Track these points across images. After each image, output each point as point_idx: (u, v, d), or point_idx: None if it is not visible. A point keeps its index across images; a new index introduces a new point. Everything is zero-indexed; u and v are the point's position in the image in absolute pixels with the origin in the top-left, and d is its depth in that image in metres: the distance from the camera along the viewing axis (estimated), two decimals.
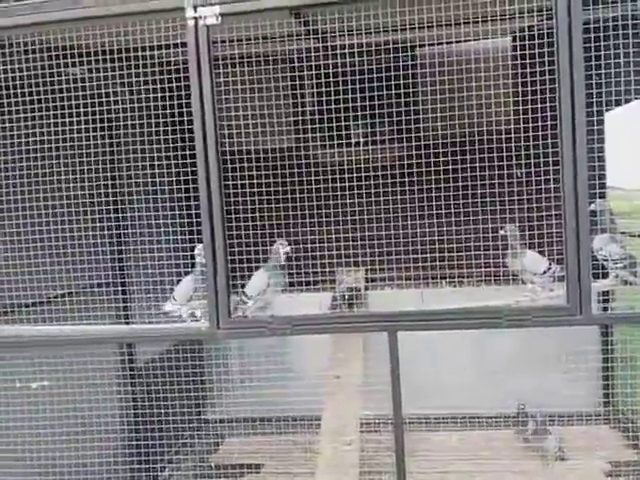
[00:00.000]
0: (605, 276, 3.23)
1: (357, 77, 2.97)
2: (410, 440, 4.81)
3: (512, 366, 4.89)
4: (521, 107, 3.26)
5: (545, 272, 3.28)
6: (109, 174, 3.33)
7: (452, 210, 3.19)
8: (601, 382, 5.15)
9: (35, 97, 2.88)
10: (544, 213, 2.94)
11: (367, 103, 3.07)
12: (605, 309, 3.70)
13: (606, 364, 4.98)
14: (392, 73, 3.15)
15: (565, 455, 4.41)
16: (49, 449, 3.35)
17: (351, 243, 3.39)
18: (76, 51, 2.83)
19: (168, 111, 3.06)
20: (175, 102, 2.95)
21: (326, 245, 3.37)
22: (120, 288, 4.15)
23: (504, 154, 3.19)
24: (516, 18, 2.93)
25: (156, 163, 3.10)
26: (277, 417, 5.02)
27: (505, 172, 3.03)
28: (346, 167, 3.52)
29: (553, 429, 4.45)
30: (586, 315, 2.64)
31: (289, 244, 3.27)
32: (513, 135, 3.05)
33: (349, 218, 3.47)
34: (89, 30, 2.73)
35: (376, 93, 3.13)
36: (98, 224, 3.67)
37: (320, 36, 3.38)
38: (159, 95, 2.92)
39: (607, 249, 3.12)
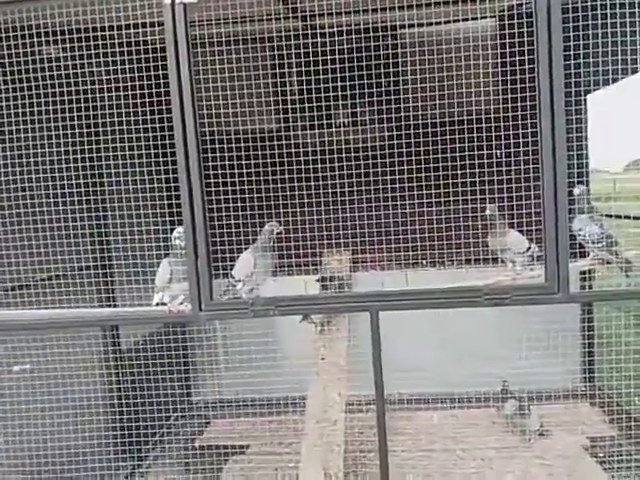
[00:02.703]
0: (584, 256, 3.27)
1: (337, 56, 2.96)
2: (394, 419, 4.89)
3: (494, 345, 4.96)
4: (500, 87, 3.25)
5: (527, 251, 3.32)
6: (87, 155, 3.28)
7: (434, 191, 3.20)
8: (582, 360, 5.24)
9: (9, 77, 2.83)
10: (523, 193, 2.96)
11: (348, 82, 3.03)
12: (584, 287, 3.76)
13: (586, 342, 5.08)
14: (373, 52, 3.12)
15: (545, 432, 4.50)
16: (33, 432, 3.35)
17: (333, 224, 3.39)
18: (49, 30, 2.77)
19: (146, 92, 3.01)
20: (153, 83, 2.91)
21: (308, 227, 3.37)
22: (102, 271, 4.12)
23: (484, 134, 3.20)
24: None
25: (135, 144, 3.07)
26: (263, 398, 5.06)
27: (485, 152, 3.04)
28: (327, 149, 3.50)
29: (534, 407, 4.53)
30: (564, 293, 2.68)
31: (278, 226, 3.25)
32: (493, 115, 3.05)
33: (331, 199, 3.47)
34: (63, 9, 2.67)
35: (357, 72, 3.11)
36: (79, 206, 3.63)
37: (300, 15, 3.34)
38: (136, 75, 2.87)
39: (586, 230, 3.16)
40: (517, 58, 2.67)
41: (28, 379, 3.33)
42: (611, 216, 4.31)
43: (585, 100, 4.29)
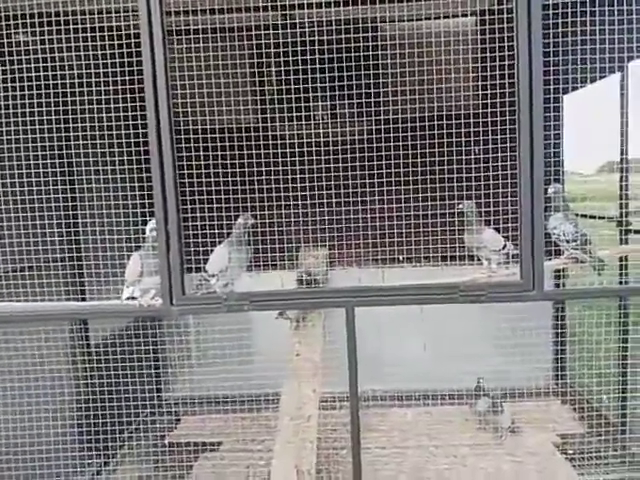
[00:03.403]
0: (559, 254, 3.29)
1: (317, 48, 2.91)
2: (368, 416, 4.89)
3: (468, 342, 4.98)
4: (480, 84, 3.25)
5: (502, 249, 3.33)
6: (57, 144, 3.19)
7: (411, 187, 3.18)
8: (553, 358, 5.31)
9: None
10: (500, 190, 2.96)
11: (327, 75, 3.00)
12: (558, 285, 3.79)
13: (558, 340, 5.15)
14: (353, 45, 3.09)
15: (517, 429, 4.54)
16: None
17: (310, 219, 3.35)
18: (18, 14, 2.67)
19: (119, 79, 2.93)
20: (126, 71, 2.83)
21: (284, 221, 3.33)
22: (70, 263, 4.01)
23: (462, 130, 3.20)
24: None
25: (106, 133, 2.99)
26: (236, 395, 5.00)
27: (463, 149, 3.04)
28: (305, 142, 3.46)
29: (506, 404, 4.56)
30: (539, 291, 2.70)
31: (254, 218, 3.19)
32: (472, 111, 3.05)
33: (308, 193, 3.43)
34: None
35: (336, 65, 3.08)
36: (47, 197, 3.53)
37: (279, 5, 3.28)
38: (108, 62, 2.79)
39: (561, 228, 3.18)
40: (497, 54, 2.67)
41: None
42: (585, 216, 4.36)
43: (562, 100, 4.34)
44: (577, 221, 3.25)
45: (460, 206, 3.29)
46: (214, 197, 3.12)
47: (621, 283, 3.78)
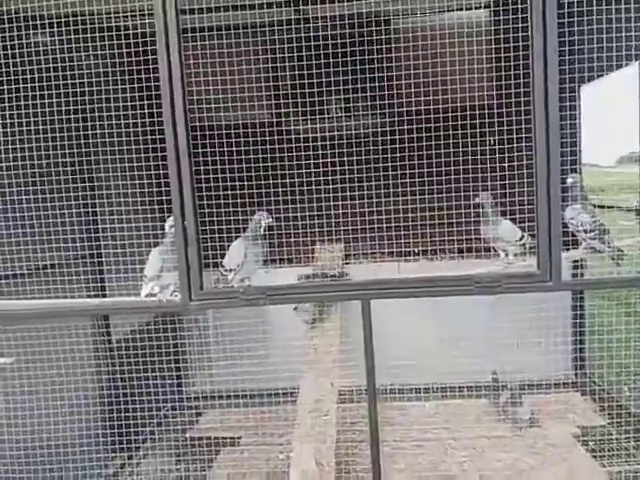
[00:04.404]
0: (576, 245, 3.27)
1: (330, 43, 2.92)
2: (387, 410, 4.90)
3: (486, 335, 4.96)
4: (494, 75, 3.23)
5: (519, 240, 3.32)
6: (76, 144, 3.24)
7: (426, 179, 3.18)
8: (573, 350, 5.26)
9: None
10: (516, 181, 2.95)
11: (341, 69, 3.00)
12: (575, 276, 3.76)
13: (577, 332, 5.10)
14: (367, 40, 3.10)
15: (537, 422, 4.52)
16: (22, 425, 3.32)
17: (325, 214, 3.36)
18: (37, 15, 2.72)
19: (136, 79, 2.97)
20: (143, 73, 2.87)
21: (299, 216, 3.34)
22: (90, 260, 4.08)
23: (477, 122, 3.18)
24: None
25: (123, 131, 3.03)
26: (255, 389, 5.04)
27: (478, 140, 3.02)
28: (319, 137, 3.47)
29: (525, 397, 4.54)
30: (556, 281, 2.69)
31: (270, 214, 3.22)
32: (486, 102, 3.03)
33: (323, 188, 3.44)
34: None
35: (350, 59, 3.08)
36: (67, 194, 3.59)
37: (292, 2, 3.29)
38: (125, 63, 2.83)
39: (579, 219, 3.16)
40: (511, 44, 2.66)
41: (16, 371, 3.29)
42: (603, 207, 4.32)
43: (579, 91, 4.28)
44: (595, 212, 3.23)
45: (477, 199, 3.28)
46: (230, 194, 3.15)
47: None
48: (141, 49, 2.90)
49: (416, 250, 4.31)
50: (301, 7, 3.37)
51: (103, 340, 4.31)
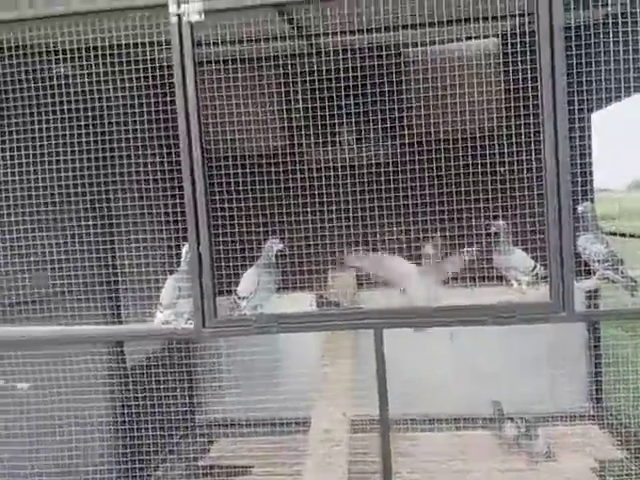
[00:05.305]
0: (589, 274, 3.25)
1: (342, 75, 2.99)
2: (400, 440, 4.83)
3: (499, 365, 4.91)
4: (503, 105, 3.27)
5: (532, 270, 3.31)
6: (95, 172, 3.32)
7: (437, 209, 3.21)
8: (589, 381, 5.17)
9: (19, 95, 2.88)
10: (527, 211, 2.96)
11: (352, 100, 3.07)
12: (589, 307, 3.72)
13: (594, 364, 5.02)
14: (377, 71, 3.16)
15: (553, 454, 4.43)
16: (36, 450, 3.33)
17: (337, 242, 3.39)
18: (58, 48, 2.83)
19: (153, 109, 3.06)
20: (160, 100, 2.95)
21: (312, 244, 3.37)
22: (107, 288, 4.13)
23: (487, 152, 3.22)
24: (498, 20, 2.96)
25: (141, 161, 3.11)
26: (267, 417, 5.01)
27: (489, 170, 3.05)
28: (332, 166, 3.52)
29: (541, 430, 4.46)
30: (569, 312, 2.66)
31: (282, 242, 3.26)
32: (496, 132, 3.07)
33: (335, 216, 3.48)
34: (72, 27, 2.72)
35: (360, 90, 3.15)
36: (85, 223, 3.66)
37: (305, 34, 3.38)
38: (143, 93, 2.92)
39: (592, 249, 3.15)
40: (520, 76, 2.70)
41: (32, 397, 3.32)
42: (615, 234, 4.29)
43: (589, 118, 4.31)
44: (608, 241, 3.22)
45: (492, 228, 3.29)
46: (244, 222, 3.20)
47: None
48: (159, 82, 2.98)
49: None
50: (313, 41, 3.48)
51: (118, 367, 4.33)
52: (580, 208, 3.15)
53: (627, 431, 4.57)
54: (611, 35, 2.82)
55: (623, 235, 4.33)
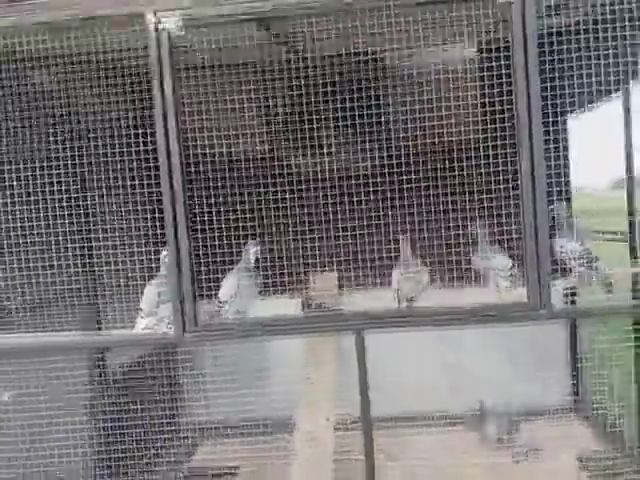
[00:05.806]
0: (566, 272, 3.31)
1: (320, 82, 3.01)
2: (383, 439, 4.85)
3: (482, 364, 4.96)
4: (479, 110, 3.31)
5: (510, 270, 3.36)
6: (72, 177, 3.30)
7: (416, 210, 3.24)
8: (571, 377, 5.24)
9: None
10: (504, 211, 3.01)
11: (330, 106, 3.08)
12: (566, 303, 3.79)
13: (574, 359, 5.10)
14: (354, 76, 3.18)
15: (535, 450, 4.48)
16: (16, 458, 3.30)
17: (318, 245, 3.40)
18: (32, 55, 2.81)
19: (130, 116, 3.05)
20: (137, 107, 2.95)
21: (293, 247, 3.38)
22: (85, 294, 4.09)
23: (464, 155, 3.25)
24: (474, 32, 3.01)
25: (119, 166, 3.09)
26: (251, 419, 5.01)
27: (465, 173, 3.09)
28: (311, 171, 3.55)
29: (523, 425, 4.52)
30: (548, 310, 2.72)
31: (260, 245, 3.26)
32: (472, 136, 3.11)
33: (315, 219, 3.49)
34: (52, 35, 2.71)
35: (339, 96, 3.16)
36: (62, 229, 3.63)
37: (283, 40, 3.38)
38: (120, 99, 2.91)
39: (567, 247, 3.21)
40: (495, 81, 2.74)
41: (10, 405, 3.29)
42: (597, 232, 4.36)
43: (562, 122, 4.38)
44: (583, 239, 3.28)
45: (470, 229, 3.33)
46: (223, 226, 3.20)
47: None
48: (137, 88, 2.98)
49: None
50: (291, 47, 3.48)
51: (99, 372, 4.30)
52: (555, 208, 3.20)
53: (609, 424, 4.64)
54: (591, 39, 2.87)
55: (602, 232, 4.39)
